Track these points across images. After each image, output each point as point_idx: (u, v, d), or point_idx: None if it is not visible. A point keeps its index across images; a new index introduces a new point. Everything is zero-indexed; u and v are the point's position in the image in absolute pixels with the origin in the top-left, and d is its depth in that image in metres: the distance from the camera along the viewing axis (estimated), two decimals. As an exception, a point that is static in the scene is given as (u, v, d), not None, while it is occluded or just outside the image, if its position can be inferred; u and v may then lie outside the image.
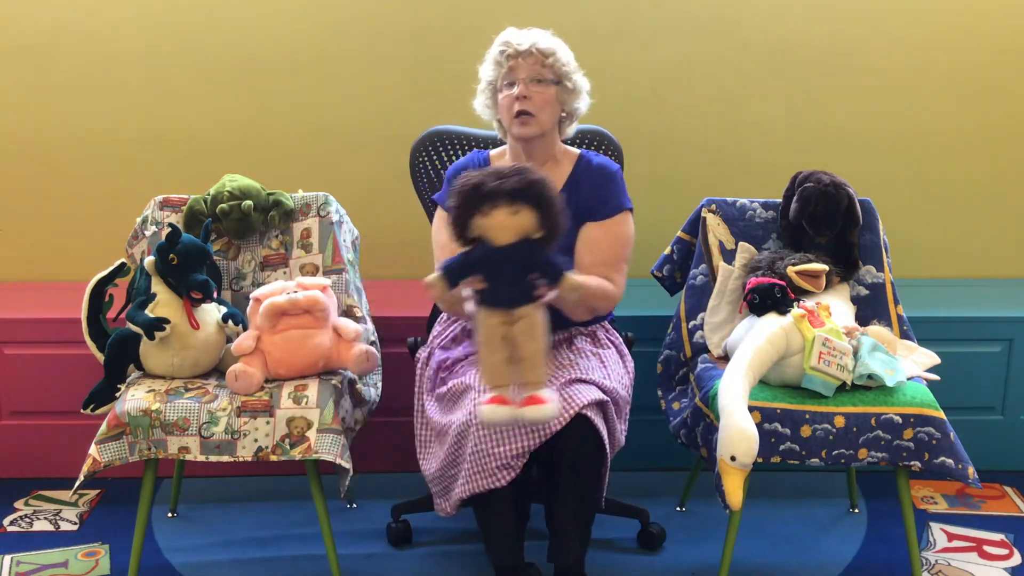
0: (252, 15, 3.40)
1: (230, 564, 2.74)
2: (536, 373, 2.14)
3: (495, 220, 2.10)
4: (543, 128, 2.50)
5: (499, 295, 2.14)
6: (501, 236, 2.12)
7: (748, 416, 2.33)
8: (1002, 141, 3.60)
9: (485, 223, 2.11)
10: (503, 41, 2.50)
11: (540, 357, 2.14)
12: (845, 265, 2.77)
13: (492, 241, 2.12)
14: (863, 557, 2.79)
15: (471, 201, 2.11)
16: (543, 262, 2.15)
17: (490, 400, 2.14)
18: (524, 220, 2.11)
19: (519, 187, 2.10)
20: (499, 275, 2.14)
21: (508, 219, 2.10)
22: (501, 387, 2.15)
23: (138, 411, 2.45)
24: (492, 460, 2.26)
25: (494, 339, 2.14)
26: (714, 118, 3.54)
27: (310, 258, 2.81)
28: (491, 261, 2.13)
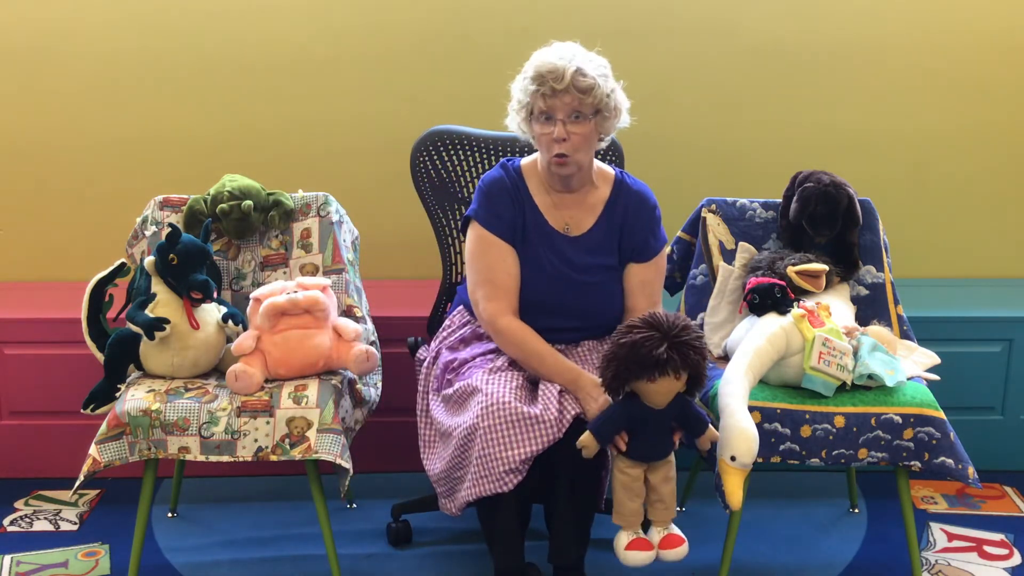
0: (252, 15, 3.40)
1: (230, 564, 2.74)
2: (669, 512, 2.33)
3: (660, 387, 2.19)
4: (581, 166, 2.46)
5: (648, 449, 2.27)
6: (661, 401, 2.22)
7: (748, 416, 2.33)
8: (1002, 141, 3.60)
9: (648, 388, 2.19)
10: (539, 73, 2.37)
11: (673, 498, 2.33)
12: (845, 265, 2.77)
13: (649, 402, 2.22)
14: (863, 557, 2.79)
15: (640, 367, 2.17)
16: (691, 417, 2.27)
17: (632, 546, 2.31)
18: (683, 382, 2.21)
19: (690, 357, 2.18)
20: (649, 433, 2.25)
21: (672, 385, 2.19)
22: (634, 529, 2.33)
23: (138, 411, 2.45)
24: (499, 464, 2.26)
25: (635, 488, 2.30)
26: (714, 118, 3.54)
27: (310, 258, 2.81)
28: (645, 421, 2.23)
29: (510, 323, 2.43)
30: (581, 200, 2.52)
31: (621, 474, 2.29)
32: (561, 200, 2.52)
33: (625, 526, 2.32)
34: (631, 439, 2.26)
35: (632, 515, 2.31)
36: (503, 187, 2.50)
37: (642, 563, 2.30)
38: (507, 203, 2.48)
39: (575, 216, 2.51)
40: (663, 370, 2.16)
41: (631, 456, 2.27)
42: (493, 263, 2.46)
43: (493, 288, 2.45)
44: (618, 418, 2.24)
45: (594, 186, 2.54)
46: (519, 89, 2.45)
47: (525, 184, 2.53)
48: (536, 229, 2.50)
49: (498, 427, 2.27)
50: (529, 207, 2.50)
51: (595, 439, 2.24)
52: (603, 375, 2.22)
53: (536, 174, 2.54)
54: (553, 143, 2.40)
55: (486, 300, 2.45)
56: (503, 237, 2.47)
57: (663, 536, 2.32)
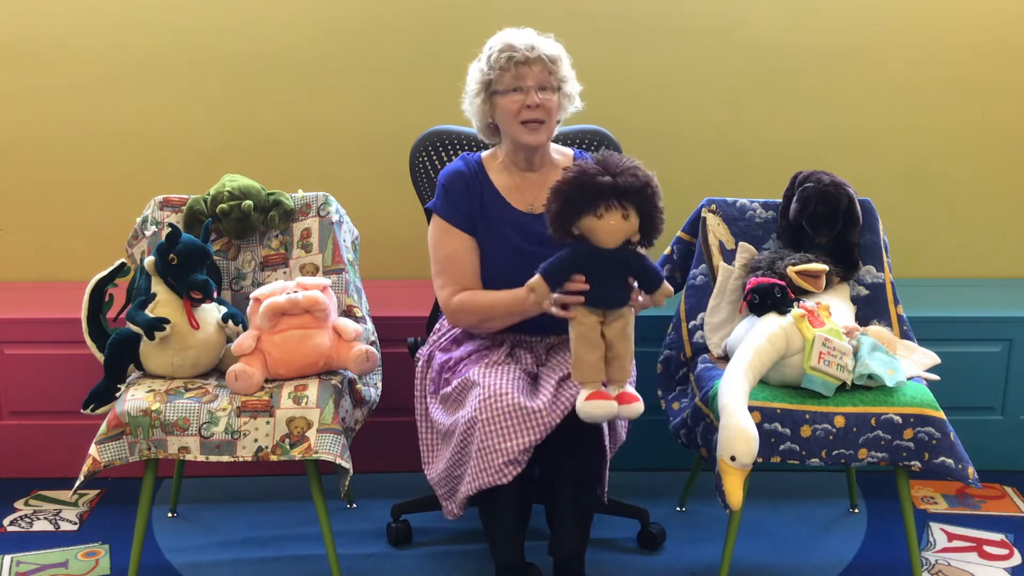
0: (252, 15, 3.40)
1: (230, 564, 2.74)
2: (626, 371, 2.25)
3: (607, 223, 2.12)
4: (550, 135, 2.51)
5: (601, 296, 2.19)
6: (609, 239, 2.14)
7: (748, 416, 2.32)
8: (1002, 141, 3.60)
9: (595, 224, 2.13)
10: (507, 45, 2.46)
11: (630, 356, 2.26)
12: (845, 265, 2.76)
13: (598, 243, 2.15)
14: (863, 557, 2.79)
15: (584, 199, 2.12)
16: (646, 268, 2.20)
17: (590, 396, 2.22)
18: (632, 225, 2.14)
19: (634, 190, 2.12)
20: (602, 275, 2.17)
21: (619, 223, 2.13)
22: (595, 383, 2.22)
23: (138, 411, 2.45)
24: (498, 456, 2.26)
25: (592, 337, 2.21)
26: (714, 118, 3.54)
27: (310, 258, 2.81)
28: (596, 262, 2.16)
29: (460, 296, 2.48)
30: (543, 180, 2.52)
31: (577, 324, 2.22)
32: (524, 180, 2.55)
33: (584, 380, 2.23)
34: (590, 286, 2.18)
35: (590, 368, 2.22)
36: (461, 177, 2.54)
37: (602, 413, 2.21)
38: (464, 193, 2.52)
39: (538, 196, 2.51)
40: (607, 201, 2.11)
41: (587, 302, 2.19)
42: (450, 252, 2.51)
43: (448, 276, 2.50)
44: (567, 259, 2.17)
45: (554, 165, 2.57)
46: (479, 69, 2.51)
47: (485, 171, 2.56)
48: (498, 212, 2.52)
49: (497, 419, 2.27)
50: (489, 192, 2.53)
51: (544, 281, 2.18)
52: (548, 211, 2.19)
53: (495, 163, 2.58)
54: (524, 110, 2.44)
55: (441, 288, 2.51)
56: (460, 227, 2.51)
57: (618, 393, 2.24)
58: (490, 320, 2.46)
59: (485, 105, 2.51)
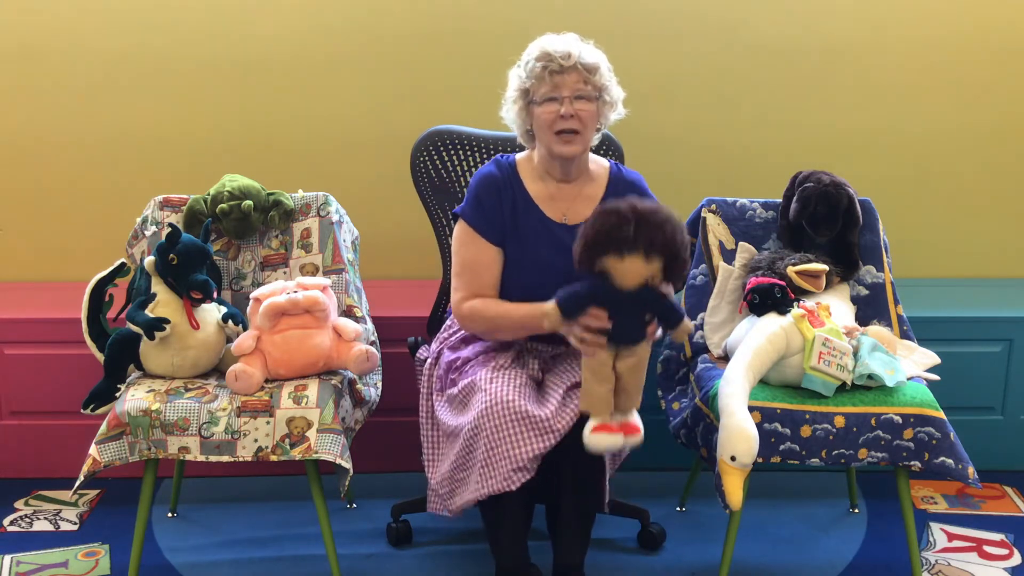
0: (252, 15, 3.40)
1: (230, 564, 2.74)
2: (634, 402, 2.27)
3: (628, 266, 2.13)
4: (586, 146, 2.46)
5: (616, 334, 2.20)
6: (629, 281, 2.15)
7: (748, 416, 2.33)
8: (1002, 141, 3.60)
9: (616, 265, 2.14)
10: (544, 53, 2.39)
11: (640, 388, 2.27)
12: (845, 265, 2.77)
13: (617, 282, 2.15)
14: (863, 557, 2.79)
15: (609, 241, 2.13)
16: (666, 308, 2.21)
17: (597, 429, 2.23)
18: (654, 269, 2.15)
19: (659, 239, 2.12)
20: (619, 314, 2.18)
21: (640, 267, 2.13)
22: (602, 415, 2.24)
23: (138, 411, 2.45)
24: (507, 463, 2.25)
25: (603, 372, 2.22)
26: (714, 118, 3.54)
27: (310, 258, 2.82)
28: (614, 300, 2.17)
29: (473, 302, 2.45)
30: (578, 191, 2.51)
31: (590, 359, 2.22)
32: (559, 191, 2.51)
33: (592, 412, 2.24)
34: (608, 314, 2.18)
35: (600, 401, 2.23)
36: (493, 183, 2.50)
37: (608, 446, 2.24)
38: (495, 201, 2.48)
39: (572, 207, 2.50)
40: (629, 246, 2.11)
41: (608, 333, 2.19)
42: (471, 260, 2.47)
43: (465, 282, 2.47)
44: (584, 292, 2.17)
45: (590, 177, 2.54)
46: (518, 76, 2.45)
47: (519, 177, 2.52)
48: (531, 221, 2.49)
49: (503, 426, 2.27)
50: (522, 199, 2.49)
51: (559, 309, 2.18)
52: (575, 250, 2.18)
53: (531, 167, 2.53)
54: (559, 120, 2.39)
55: (455, 291, 2.49)
56: (486, 236, 2.47)
57: (620, 423, 2.25)
58: (499, 331, 2.45)
59: (523, 112, 2.46)
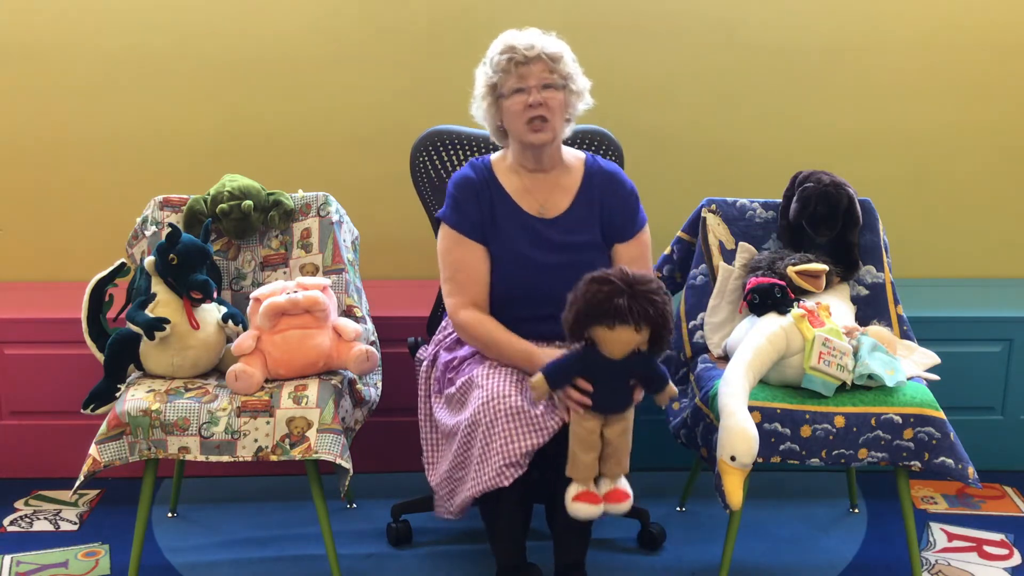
0: (252, 15, 3.40)
1: (230, 564, 2.74)
2: (622, 467, 2.30)
3: (618, 336, 2.17)
4: (556, 134, 2.49)
5: (603, 400, 2.23)
6: (618, 351, 2.19)
7: (748, 416, 2.33)
8: (1002, 141, 3.60)
9: (606, 335, 2.18)
10: (507, 47, 2.46)
11: (627, 452, 2.30)
12: (845, 265, 2.77)
13: (606, 351, 2.19)
14: (863, 557, 2.79)
15: (600, 313, 2.16)
16: (651, 375, 2.25)
17: (579, 497, 2.27)
18: (642, 337, 2.18)
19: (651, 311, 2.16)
20: (606, 382, 2.22)
21: (631, 337, 2.17)
22: (586, 482, 2.28)
23: (138, 411, 2.45)
24: (499, 459, 2.26)
25: (590, 440, 2.26)
26: (714, 118, 3.54)
27: (310, 258, 2.81)
28: (601, 369, 2.20)
29: (469, 315, 2.47)
30: (554, 182, 2.54)
31: (576, 426, 2.26)
32: (534, 182, 2.53)
33: (576, 479, 2.28)
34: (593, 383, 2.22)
35: (585, 469, 2.27)
36: (470, 185, 2.54)
37: (588, 516, 2.28)
38: (474, 202, 2.51)
39: (549, 199, 2.53)
40: (621, 318, 2.14)
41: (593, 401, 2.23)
42: (458, 260, 2.50)
43: (456, 285, 2.50)
44: (572, 362, 2.22)
45: (566, 168, 2.56)
46: (485, 73, 2.50)
47: (494, 175, 2.55)
48: (507, 215, 2.51)
49: (498, 421, 2.27)
50: (498, 196, 2.52)
51: (546, 381, 2.23)
52: (564, 318, 2.22)
53: (505, 164, 2.57)
54: (528, 109, 2.43)
55: (448, 296, 2.51)
56: (470, 236, 2.50)
57: (610, 490, 2.30)
58: (488, 352, 2.46)
59: (492, 108, 2.51)
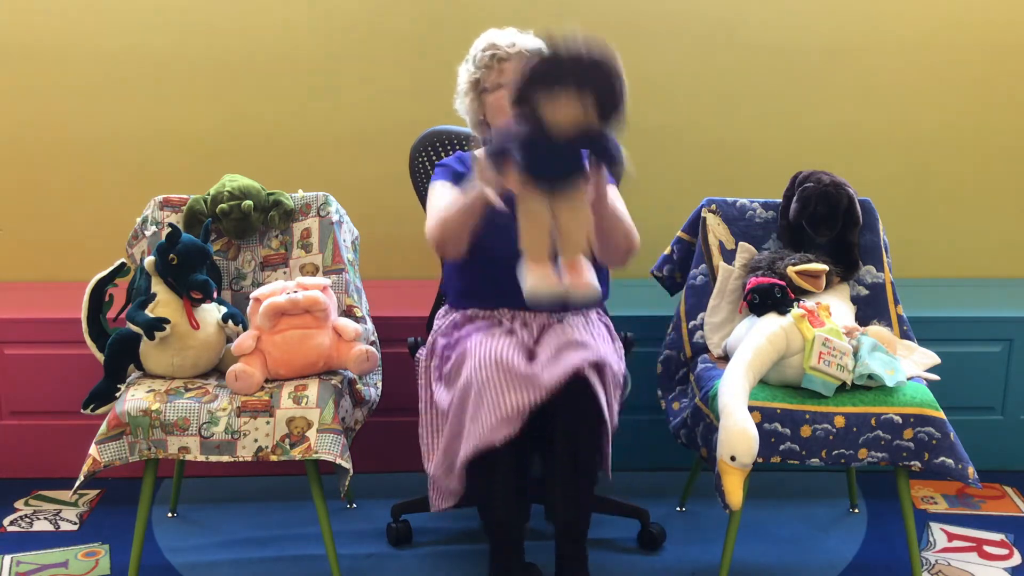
0: (252, 15, 3.41)
1: (230, 564, 2.74)
2: (576, 245, 2.12)
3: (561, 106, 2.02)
4: None
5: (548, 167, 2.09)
6: (562, 123, 2.03)
7: (748, 416, 2.33)
8: (1002, 141, 3.61)
9: (549, 107, 2.03)
10: (489, 44, 2.53)
11: (581, 238, 2.13)
12: (845, 265, 2.77)
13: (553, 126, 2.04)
14: (863, 557, 2.79)
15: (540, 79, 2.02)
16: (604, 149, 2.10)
17: (534, 269, 2.12)
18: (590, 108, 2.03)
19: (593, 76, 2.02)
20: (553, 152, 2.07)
21: (573, 108, 2.03)
22: (543, 259, 2.12)
23: (138, 411, 2.45)
24: (493, 415, 2.20)
25: (541, 219, 2.11)
26: (714, 118, 3.54)
27: (310, 258, 2.82)
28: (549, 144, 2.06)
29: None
30: None
31: (526, 200, 2.11)
32: None
33: (528, 256, 2.13)
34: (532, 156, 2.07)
35: (534, 243, 2.11)
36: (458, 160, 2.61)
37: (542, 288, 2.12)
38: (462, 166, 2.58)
39: None
40: (560, 80, 2.00)
41: (530, 171, 2.08)
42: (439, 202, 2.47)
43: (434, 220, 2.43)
44: (515, 133, 2.06)
45: None
46: (467, 70, 2.57)
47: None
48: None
49: (489, 381, 2.22)
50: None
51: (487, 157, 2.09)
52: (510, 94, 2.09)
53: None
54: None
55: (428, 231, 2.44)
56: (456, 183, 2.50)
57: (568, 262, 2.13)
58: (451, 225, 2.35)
59: (475, 103, 2.57)
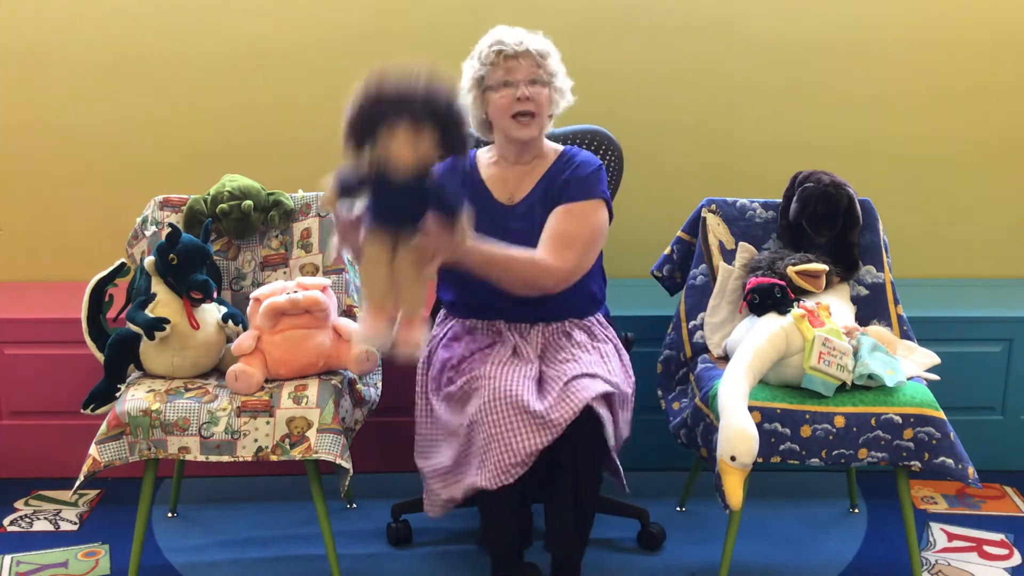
0: (252, 15, 3.40)
1: (230, 564, 2.74)
2: (412, 301, 2.12)
3: (399, 139, 2.00)
4: (541, 128, 2.52)
5: (389, 210, 2.07)
6: (401, 159, 2.01)
7: (748, 416, 2.33)
8: (1002, 141, 3.60)
9: (388, 141, 2.00)
10: (496, 40, 2.49)
11: (420, 289, 2.13)
12: (845, 265, 2.77)
13: (391, 161, 2.01)
14: (863, 557, 2.79)
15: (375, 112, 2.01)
16: (438, 194, 2.07)
17: (367, 318, 2.13)
18: (424, 143, 2.01)
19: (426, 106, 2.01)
20: (393, 194, 2.04)
21: (410, 142, 2.01)
22: (380, 309, 2.11)
23: (138, 411, 2.45)
24: (507, 457, 2.25)
25: (379, 260, 2.10)
26: (714, 118, 3.54)
27: (310, 258, 2.82)
28: (387, 181, 2.03)
29: None
30: (530, 171, 2.56)
31: (367, 244, 2.10)
32: (512, 172, 2.57)
33: (365, 299, 2.14)
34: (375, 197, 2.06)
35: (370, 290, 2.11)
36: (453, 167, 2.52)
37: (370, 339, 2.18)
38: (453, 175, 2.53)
39: (520, 185, 2.55)
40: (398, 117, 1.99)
41: (376, 220, 2.08)
42: None
43: None
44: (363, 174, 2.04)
45: (542, 158, 2.58)
46: (472, 67, 2.52)
47: (476, 166, 2.60)
48: (478, 204, 2.46)
49: (503, 419, 2.27)
50: (475, 185, 2.56)
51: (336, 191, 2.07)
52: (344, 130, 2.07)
53: (488, 156, 2.61)
54: (515, 103, 2.45)
55: None
56: None
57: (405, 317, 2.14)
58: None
59: (478, 101, 2.54)
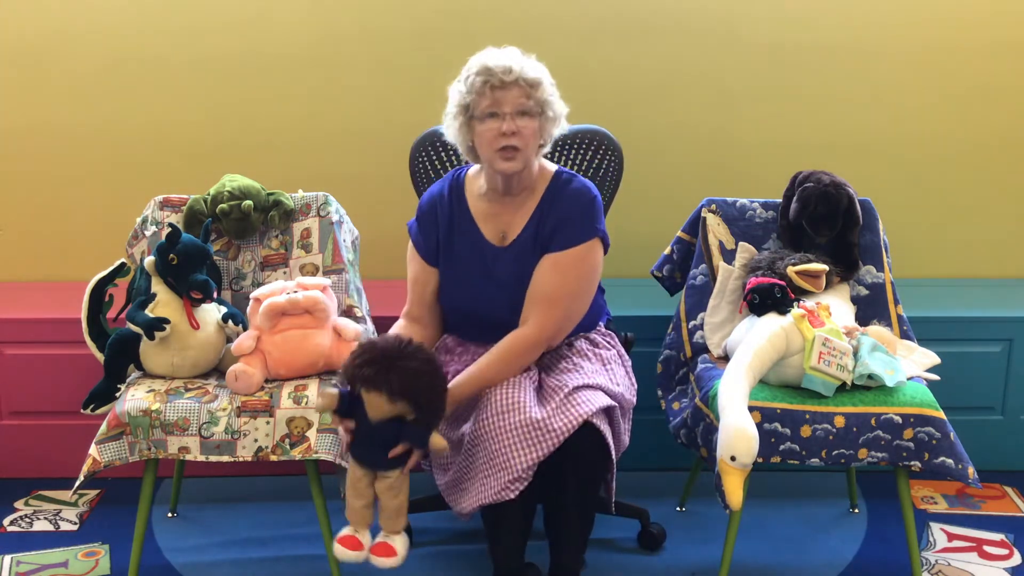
0: (253, 15, 3.40)
1: (230, 564, 2.74)
2: (393, 524, 2.31)
3: (372, 401, 2.19)
4: (527, 162, 2.40)
5: (365, 454, 2.26)
6: (373, 414, 2.20)
7: (748, 416, 2.33)
8: (1002, 141, 3.60)
9: (365, 397, 2.20)
10: (484, 67, 2.34)
11: (400, 513, 2.30)
12: (845, 265, 2.77)
13: (367, 410, 2.20)
14: (863, 557, 2.79)
15: (353, 376, 2.19)
16: (409, 437, 2.23)
17: (343, 539, 2.29)
18: (399, 408, 2.19)
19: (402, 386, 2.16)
20: (366, 437, 2.23)
21: (383, 405, 2.18)
22: (358, 526, 2.30)
23: (138, 411, 2.45)
24: (506, 473, 2.25)
25: (360, 487, 2.28)
26: (714, 118, 3.54)
27: (310, 258, 2.82)
28: (363, 424, 2.23)
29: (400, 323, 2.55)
30: (519, 205, 2.47)
31: (349, 474, 2.29)
32: (502, 207, 2.47)
33: (350, 521, 2.30)
34: (359, 441, 2.25)
35: (353, 512, 2.29)
36: (435, 206, 2.53)
37: (346, 559, 2.28)
38: (432, 225, 2.52)
39: (511, 223, 2.47)
40: (370, 386, 2.16)
41: (355, 456, 2.27)
42: (412, 274, 2.56)
43: (409, 291, 2.56)
44: (348, 401, 2.23)
45: (531, 191, 2.47)
46: (458, 91, 2.40)
47: (464, 196, 2.52)
48: (466, 242, 2.48)
49: (503, 435, 2.26)
50: (463, 219, 2.50)
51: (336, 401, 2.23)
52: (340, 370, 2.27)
53: (477, 184, 2.51)
54: (500, 137, 2.33)
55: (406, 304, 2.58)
56: (423, 256, 2.53)
57: (378, 542, 2.29)
58: None
59: (464, 128, 2.41)
